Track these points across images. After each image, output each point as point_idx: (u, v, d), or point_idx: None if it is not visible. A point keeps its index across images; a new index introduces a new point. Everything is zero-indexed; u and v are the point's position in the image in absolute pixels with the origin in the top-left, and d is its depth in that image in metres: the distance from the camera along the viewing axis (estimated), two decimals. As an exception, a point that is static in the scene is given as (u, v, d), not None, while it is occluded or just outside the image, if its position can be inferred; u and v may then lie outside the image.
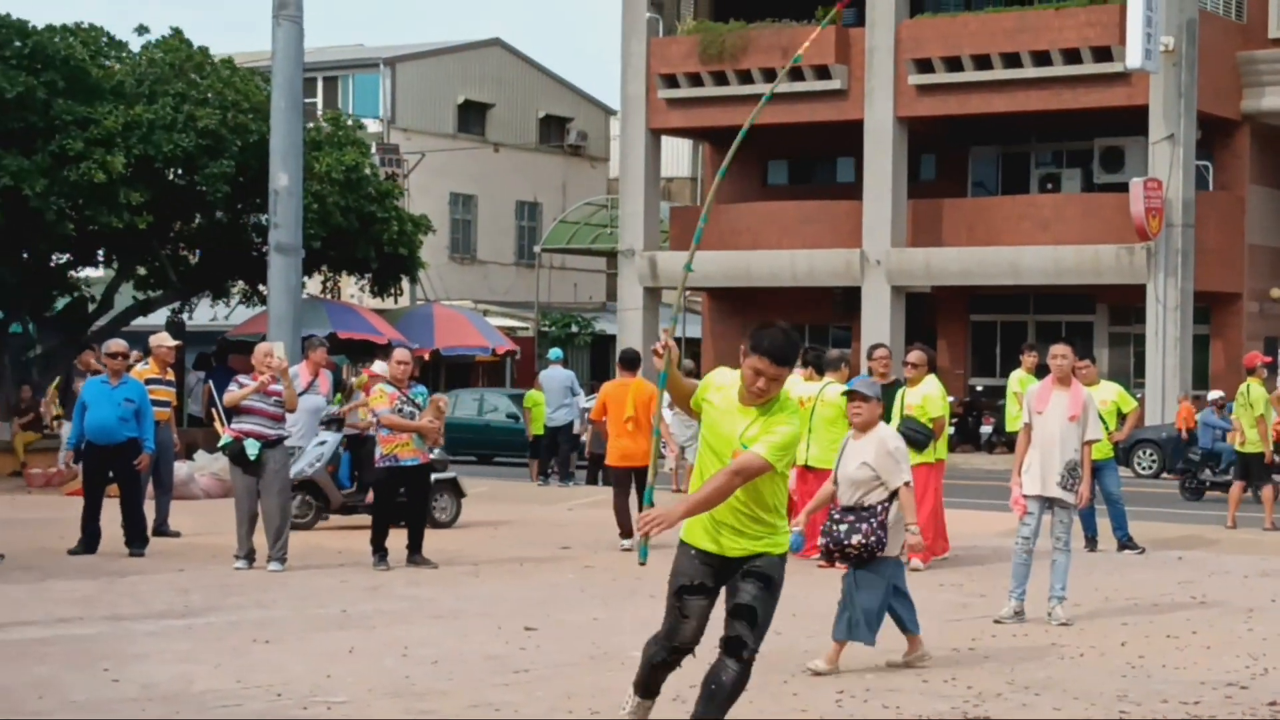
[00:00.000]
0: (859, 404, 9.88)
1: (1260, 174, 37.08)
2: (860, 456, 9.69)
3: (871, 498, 9.59)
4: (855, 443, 9.85)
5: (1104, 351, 37.41)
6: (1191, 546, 17.07)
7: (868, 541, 9.49)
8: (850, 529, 9.55)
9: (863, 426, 9.82)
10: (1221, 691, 9.06)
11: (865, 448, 9.71)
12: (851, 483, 9.69)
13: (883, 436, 9.80)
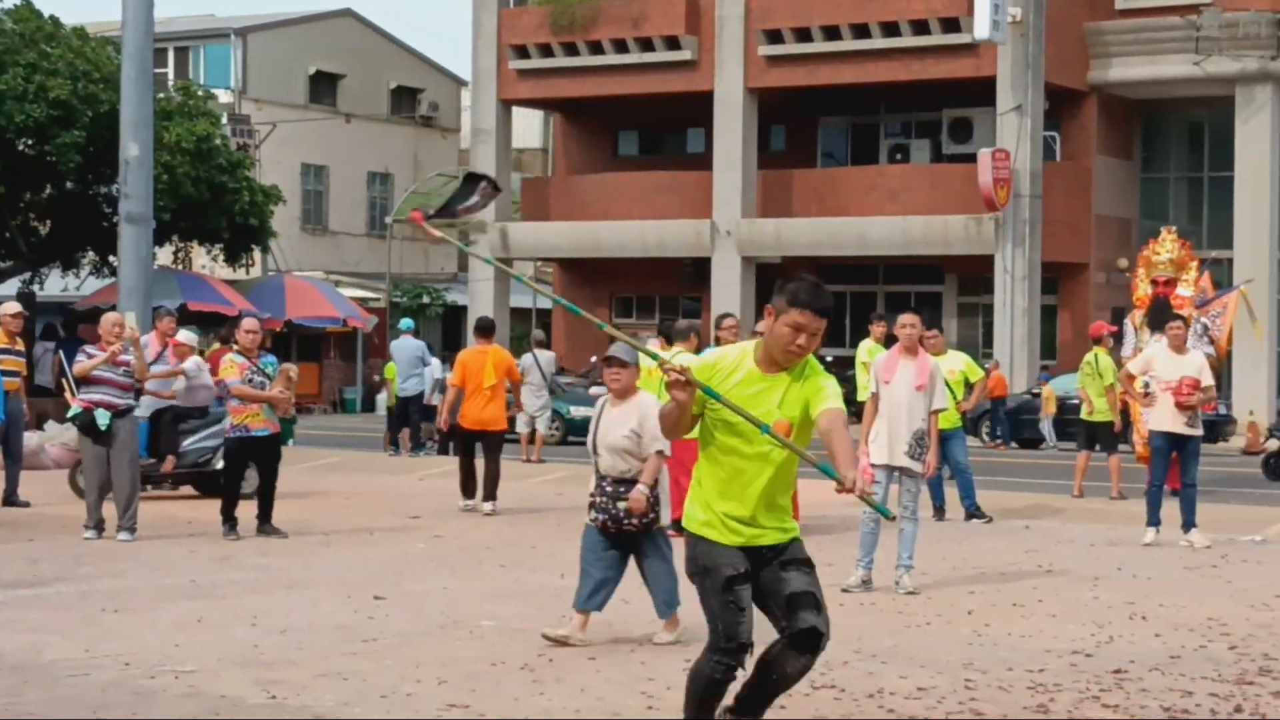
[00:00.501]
0: (617, 370, 9.41)
1: (1107, 145, 37.63)
2: (624, 424, 9.34)
3: (639, 465, 9.33)
4: (614, 410, 9.46)
5: (953, 322, 37.89)
6: (1038, 515, 17.21)
7: (635, 511, 9.26)
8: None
9: (621, 393, 9.42)
10: (1066, 659, 9.07)
11: (628, 414, 9.35)
12: (614, 451, 9.35)
13: (644, 402, 9.43)
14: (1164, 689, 8.30)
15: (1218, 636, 9.86)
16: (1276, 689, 8.32)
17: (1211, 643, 9.65)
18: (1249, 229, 35.23)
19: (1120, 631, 10.02)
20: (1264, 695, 8.17)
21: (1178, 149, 38.98)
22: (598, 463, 9.46)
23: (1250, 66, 34.83)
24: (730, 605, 6.41)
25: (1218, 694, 8.19)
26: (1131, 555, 13.87)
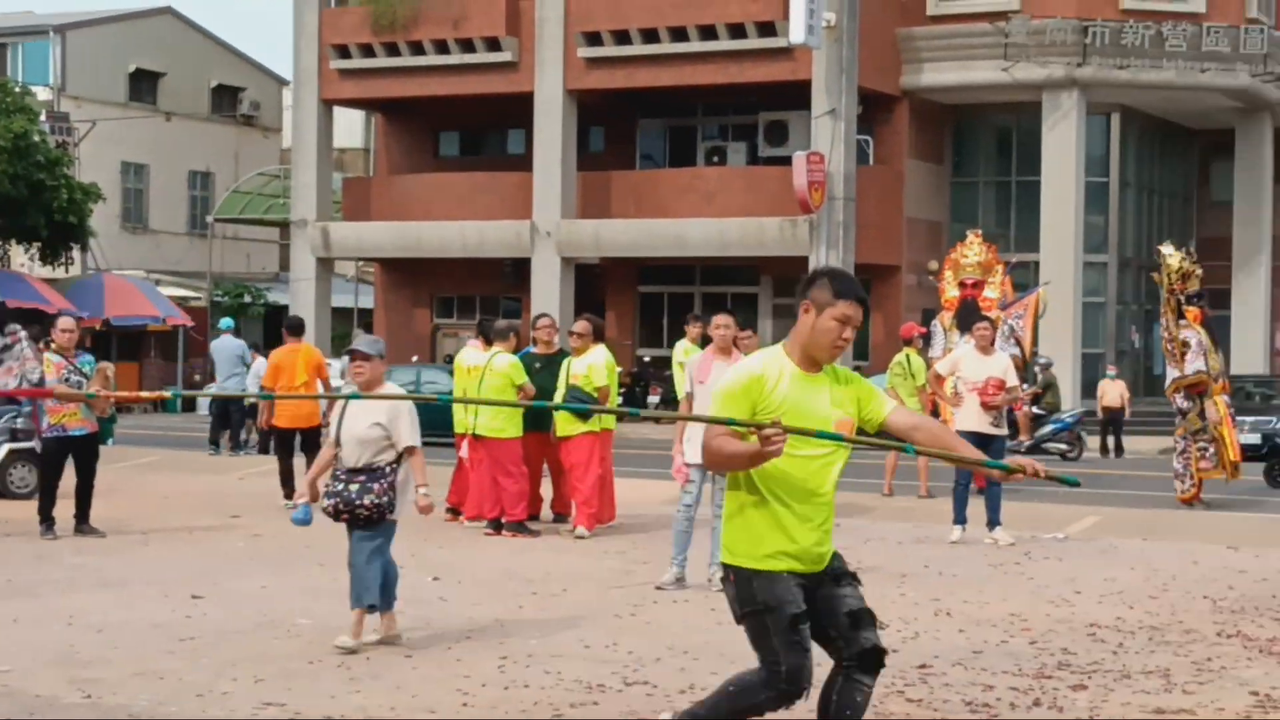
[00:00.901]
0: (360, 363, 9.36)
1: (918, 149, 38.33)
2: (371, 416, 9.30)
3: (382, 458, 9.29)
4: (362, 402, 9.41)
5: (768, 322, 38.33)
6: (849, 514, 17.40)
7: (380, 502, 9.22)
8: (362, 489, 9.21)
9: (366, 386, 9.38)
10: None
11: (376, 407, 9.32)
12: (360, 442, 9.28)
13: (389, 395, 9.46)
14: (966, 683, 8.50)
15: (1019, 632, 10.10)
16: (1074, 682, 8.56)
17: (1013, 638, 9.88)
18: (1054, 233, 36.13)
19: (926, 628, 10.23)
20: (1062, 689, 8.40)
21: (987, 153, 39.86)
22: (340, 455, 9.37)
23: (1057, 73, 35.73)
24: (796, 646, 6.06)
25: (1018, 688, 8.40)
26: (938, 553, 14.17)
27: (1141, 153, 39.51)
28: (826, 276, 6.15)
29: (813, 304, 6.08)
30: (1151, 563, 13.71)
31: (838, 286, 6.08)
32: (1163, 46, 35.55)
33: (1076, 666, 9.00)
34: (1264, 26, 36.65)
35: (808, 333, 6.10)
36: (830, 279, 6.13)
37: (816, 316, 6.07)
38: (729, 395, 6.07)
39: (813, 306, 6.08)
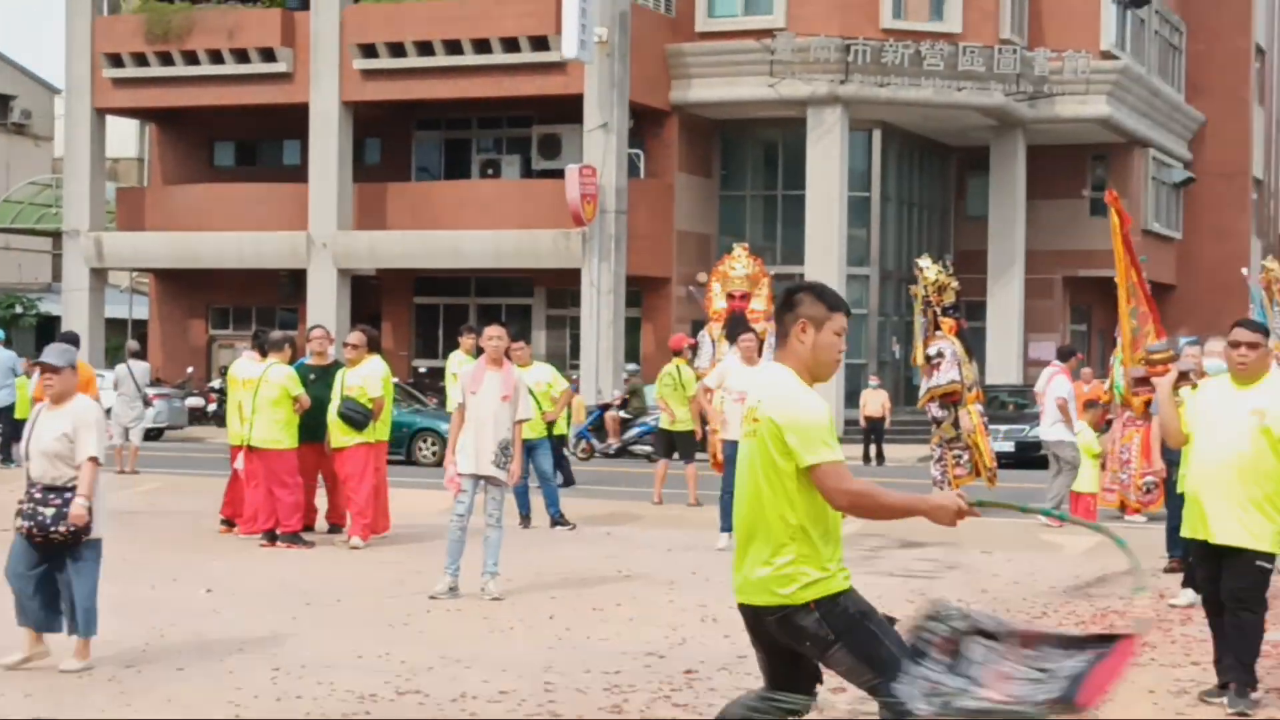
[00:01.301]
0: (50, 376, 9.03)
1: (688, 163, 38.87)
2: (58, 428, 8.94)
3: (70, 473, 8.91)
4: (50, 413, 9.06)
5: (542, 334, 38.59)
6: (620, 522, 17.79)
7: (76, 527, 8.83)
8: (57, 514, 8.80)
9: (57, 398, 9.03)
10: (641, 661, 9.45)
11: (62, 419, 8.97)
12: (46, 455, 8.90)
13: (79, 408, 9.07)
14: (731, 688, 8.59)
15: (781, 635, 10.47)
16: (834, 685, 8.89)
17: (775, 641, 10.24)
18: (818, 246, 36.88)
19: (693, 633, 10.46)
20: (823, 691, 8.70)
21: (754, 168, 40.52)
22: (28, 469, 9.06)
23: (820, 90, 36.52)
24: (901, 644, 5.87)
25: None
26: (706, 560, 14.42)
27: (901, 168, 40.56)
28: (813, 292, 5.95)
29: (810, 321, 5.87)
30: (910, 568, 14.19)
31: (830, 299, 5.92)
32: (921, 65, 36.57)
33: (834, 668, 9.32)
34: (1017, 47, 37.94)
35: (810, 351, 5.88)
36: (818, 294, 5.93)
37: (816, 333, 5.87)
38: (830, 431, 5.78)
39: (810, 324, 5.86)
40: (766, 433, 5.77)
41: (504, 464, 11.92)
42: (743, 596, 5.92)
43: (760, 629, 5.95)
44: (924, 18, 37.73)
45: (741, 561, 5.91)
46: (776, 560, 5.77)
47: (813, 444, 5.69)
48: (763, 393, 5.88)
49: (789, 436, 5.71)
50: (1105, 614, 11.63)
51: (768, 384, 5.90)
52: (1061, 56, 38.21)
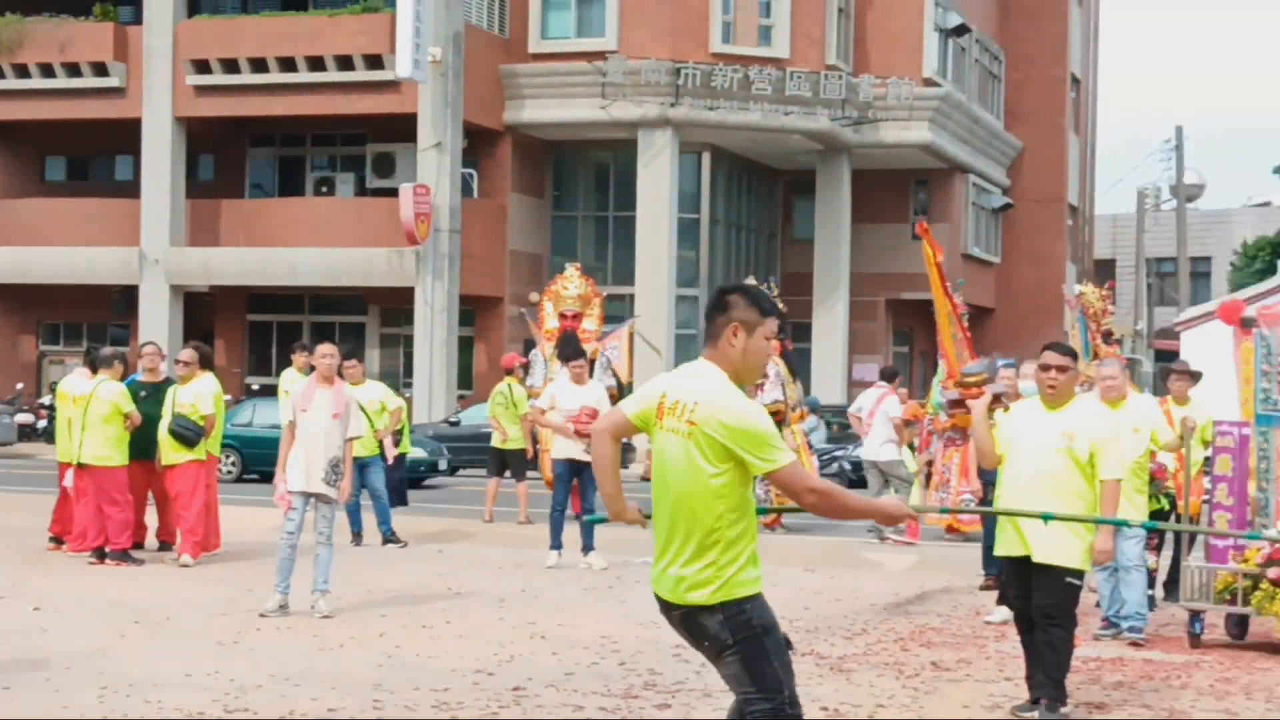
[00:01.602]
0: None
1: (521, 183, 39.01)
2: None
3: None
4: None
5: (375, 352, 38.48)
6: (451, 540, 17.88)
7: None
8: None
9: None
10: (470, 678, 9.55)
11: None
12: None
13: None
14: (558, 704, 8.84)
15: (609, 653, 10.53)
16: (659, 701, 8.99)
17: (604, 659, 10.30)
18: (649, 266, 37.21)
19: (521, 651, 10.58)
20: (648, 708, 8.81)
21: (586, 188, 40.76)
22: None
23: (651, 112, 36.88)
24: (790, 669, 5.92)
25: (606, 707, 8.77)
26: (535, 577, 14.61)
27: (730, 191, 41.04)
28: (746, 295, 5.90)
29: (742, 325, 5.82)
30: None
31: (764, 304, 5.89)
32: (750, 89, 37.09)
33: (662, 686, 9.42)
34: (843, 73, 38.64)
35: (740, 355, 5.85)
36: (752, 298, 5.88)
37: (748, 337, 5.83)
38: (776, 432, 5.83)
39: (742, 328, 5.82)
40: (705, 434, 5.73)
41: (334, 481, 11.99)
42: (660, 591, 5.96)
43: (671, 622, 6.03)
44: (752, 43, 38.27)
45: (661, 557, 5.92)
46: (697, 561, 5.79)
47: (768, 449, 5.70)
48: (699, 395, 5.79)
49: (738, 442, 5.70)
50: (923, 630, 11.97)
51: (704, 386, 5.81)
52: (885, 83, 38.98)
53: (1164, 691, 9.74)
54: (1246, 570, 11.18)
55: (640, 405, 6.01)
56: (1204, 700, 9.48)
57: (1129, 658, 10.94)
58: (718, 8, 37.84)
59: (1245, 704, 9.39)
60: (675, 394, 5.87)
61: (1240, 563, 11.29)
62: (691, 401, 5.79)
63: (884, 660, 10.57)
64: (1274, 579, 11.01)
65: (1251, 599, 11.11)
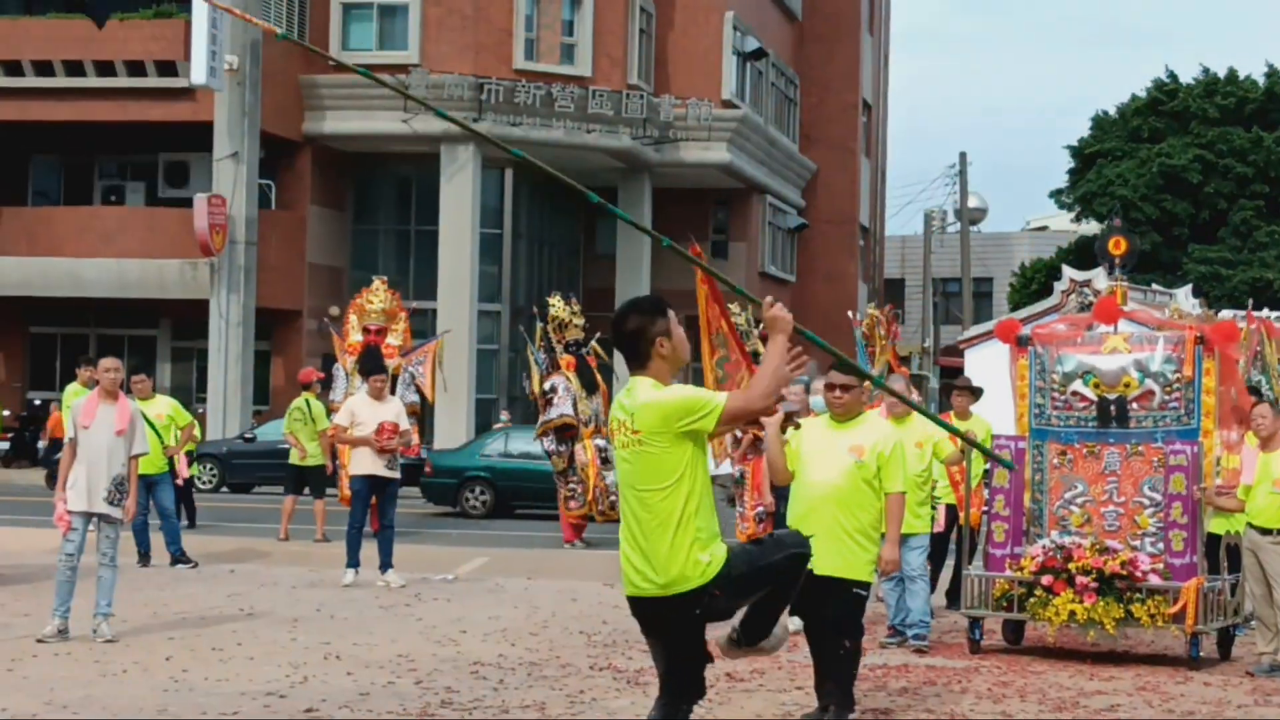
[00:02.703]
0: None
1: (320, 195, 38.54)
2: None
3: None
4: None
5: (167, 366, 37.66)
6: (244, 559, 17.51)
7: None
8: None
9: None
10: (261, 701, 9.33)
11: None
12: None
13: None
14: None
15: (405, 672, 10.40)
16: (456, 719, 8.96)
17: (400, 679, 10.15)
18: (452, 281, 37.05)
19: (315, 672, 10.38)
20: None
21: (387, 202, 40.45)
22: None
23: (454, 127, 36.63)
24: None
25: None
26: (331, 596, 14.38)
27: (533, 206, 41.02)
28: (643, 312, 6.36)
29: (663, 335, 6.30)
30: (534, 601, 14.38)
31: (659, 306, 6.41)
32: (552, 107, 37.17)
33: (459, 704, 9.32)
34: (644, 93, 38.89)
35: (673, 355, 6.34)
36: (649, 310, 6.36)
37: (671, 340, 6.32)
38: (698, 389, 6.34)
39: (664, 338, 6.30)
40: (650, 435, 6.18)
41: (119, 500, 11.61)
42: (650, 591, 6.32)
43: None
44: (555, 61, 38.35)
45: (640, 561, 6.33)
46: (683, 554, 6.26)
47: (702, 405, 6.16)
48: (633, 406, 6.26)
49: (672, 419, 6.15)
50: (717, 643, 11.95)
51: (635, 399, 6.27)
52: (685, 104, 39.40)
53: (945, 696, 10.05)
54: (1022, 578, 11.64)
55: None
56: (983, 704, 9.79)
57: (914, 664, 11.29)
58: (521, 25, 37.86)
59: (1020, 706, 9.75)
60: (624, 416, 6.33)
61: (1016, 571, 11.72)
62: (628, 417, 6.32)
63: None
64: (1047, 585, 11.47)
65: (1026, 605, 11.60)
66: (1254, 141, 47.69)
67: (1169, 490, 11.52)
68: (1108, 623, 11.25)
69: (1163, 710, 9.70)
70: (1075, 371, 12.00)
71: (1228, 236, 47.58)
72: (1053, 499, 11.98)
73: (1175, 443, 11.60)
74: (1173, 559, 11.43)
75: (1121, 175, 48.29)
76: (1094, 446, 11.87)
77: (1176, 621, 11.22)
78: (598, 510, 19.71)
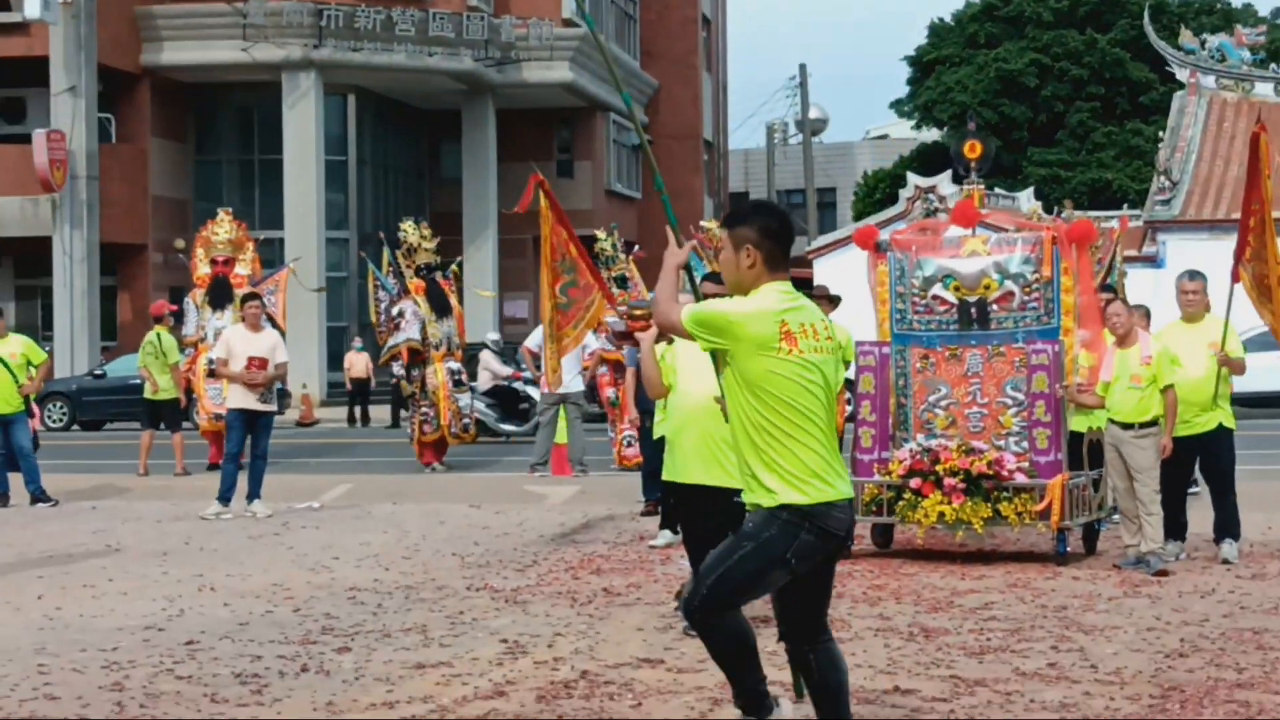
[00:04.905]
0: None
1: (161, 127, 37.92)
2: None
3: None
4: None
5: (11, 304, 36.92)
6: (104, 496, 17.33)
7: None
8: None
9: None
10: (140, 635, 9.21)
11: None
12: None
13: None
14: (235, 655, 8.59)
15: (282, 601, 10.34)
16: (339, 645, 8.85)
17: (277, 607, 10.10)
18: (298, 209, 36.69)
19: (191, 604, 10.27)
20: (327, 652, 8.66)
21: (229, 132, 39.92)
22: None
23: (295, 54, 36.22)
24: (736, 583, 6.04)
25: (285, 655, 8.58)
26: (199, 529, 14.27)
27: (377, 132, 40.70)
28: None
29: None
30: (403, 525, 14.40)
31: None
32: (393, 31, 36.84)
33: (340, 630, 9.30)
34: (484, 14, 38.66)
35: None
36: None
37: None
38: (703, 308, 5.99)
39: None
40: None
41: None
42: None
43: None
44: (395, -17, 37.99)
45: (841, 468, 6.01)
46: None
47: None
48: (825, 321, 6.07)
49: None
50: (592, 558, 12.12)
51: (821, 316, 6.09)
52: (526, 23, 39.23)
53: None
54: (890, 482, 11.79)
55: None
56: (859, 607, 9.86)
57: None
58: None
59: (896, 608, 9.84)
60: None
61: (884, 475, 11.87)
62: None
63: (557, 590, 10.65)
64: (915, 488, 11.64)
65: (896, 509, 11.75)
66: (1088, 44, 48.42)
67: (1032, 389, 11.65)
68: (976, 522, 11.41)
69: (1035, 606, 9.83)
70: (935, 275, 12.09)
71: (1066, 139, 48.37)
72: (917, 403, 12.09)
73: (1036, 342, 11.72)
74: (1037, 457, 11.58)
75: (960, 81, 48.87)
76: (956, 349, 12.00)
77: (1043, 518, 11.39)
78: (450, 432, 19.74)
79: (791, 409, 5.80)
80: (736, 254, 5.92)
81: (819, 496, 5.77)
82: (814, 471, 5.79)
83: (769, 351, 5.78)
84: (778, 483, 5.79)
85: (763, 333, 5.78)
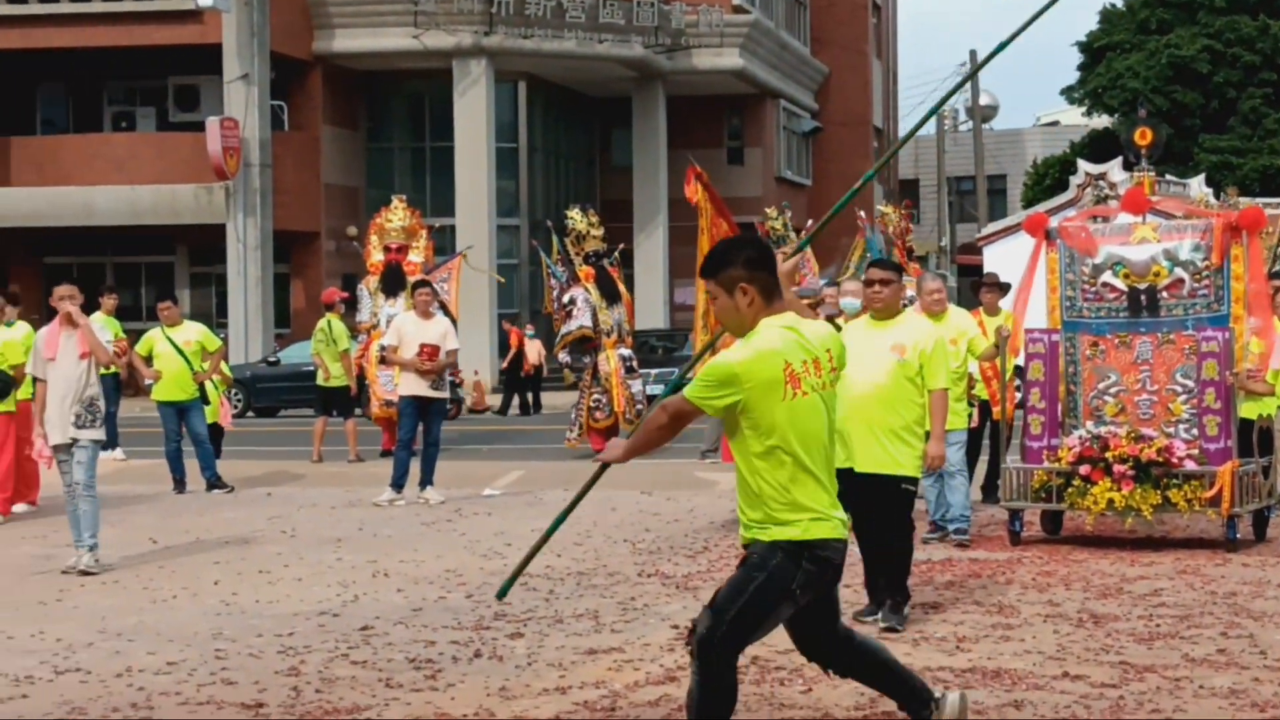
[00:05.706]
0: None
1: (333, 114, 38.34)
2: None
3: None
4: None
5: (185, 292, 37.55)
6: (280, 483, 17.46)
7: None
8: None
9: None
10: (315, 621, 9.26)
11: None
12: None
13: None
14: (409, 641, 8.62)
15: (455, 587, 10.36)
16: (511, 631, 8.85)
17: (450, 593, 10.11)
18: (469, 197, 36.90)
19: (365, 590, 10.31)
20: (500, 638, 8.68)
21: (401, 119, 40.27)
22: None
23: (465, 41, 36.43)
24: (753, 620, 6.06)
25: (459, 640, 8.60)
26: (373, 515, 14.30)
27: (548, 119, 40.81)
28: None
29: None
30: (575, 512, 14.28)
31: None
32: (564, 18, 36.88)
33: (512, 616, 9.29)
34: (655, 1, 38.54)
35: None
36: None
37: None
38: (709, 374, 5.77)
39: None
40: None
41: (90, 422, 11.24)
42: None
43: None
44: (566, -29, 38.03)
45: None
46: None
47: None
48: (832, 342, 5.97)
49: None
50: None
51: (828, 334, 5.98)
52: (696, 10, 39.11)
53: (991, 588, 10.08)
54: (1059, 469, 11.72)
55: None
56: (1029, 593, 9.85)
57: (957, 558, 11.34)
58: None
59: (1066, 594, 9.82)
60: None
61: (1054, 462, 11.80)
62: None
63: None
64: (1085, 475, 11.55)
65: (1065, 495, 11.69)
66: (1261, 29, 47.27)
67: (1202, 376, 11.60)
68: (1145, 509, 11.36)
69: (1205, 592, 9.77)
70: (1105, 263, 12.03)
71: (1237, 125, 47.30)
72: (1087, 390, 12.06)
73: (1206, 329, 11.67)
74: (1207, 444, 11.51)
75: (1131, 68, 47.89)
76: (1126, 337, 11.96)
77: (1213, 505, 11.32)
78: (625, 419, 19.67)
79: (794, 447, 5.75)
80: (732, 298, 5.78)
81: (816, 533, 5.81)
82: (811, 509, 5.81)
83: (775, 395, 5.70)
84: (776, 519, 5.80)
85: (769, 376, 5.68)
